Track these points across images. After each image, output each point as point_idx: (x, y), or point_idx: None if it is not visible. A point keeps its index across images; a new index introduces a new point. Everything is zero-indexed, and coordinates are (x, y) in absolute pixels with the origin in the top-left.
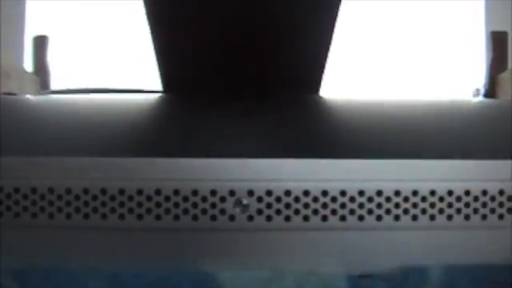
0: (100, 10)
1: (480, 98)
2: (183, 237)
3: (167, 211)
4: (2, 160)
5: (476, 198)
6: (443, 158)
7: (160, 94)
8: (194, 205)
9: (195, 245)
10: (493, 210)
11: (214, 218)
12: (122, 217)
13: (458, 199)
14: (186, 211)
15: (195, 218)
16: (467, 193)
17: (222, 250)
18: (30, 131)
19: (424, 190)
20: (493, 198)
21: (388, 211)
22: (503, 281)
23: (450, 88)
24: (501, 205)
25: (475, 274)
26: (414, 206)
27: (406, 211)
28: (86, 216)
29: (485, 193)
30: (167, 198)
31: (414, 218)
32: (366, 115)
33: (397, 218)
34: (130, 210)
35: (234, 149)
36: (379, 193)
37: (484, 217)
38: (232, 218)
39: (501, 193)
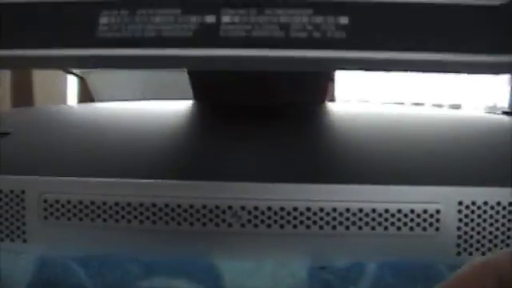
0: None
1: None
2: (197, 238)
3: (185, 219)
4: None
5: (406, 216)
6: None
7: (190, 103)
8: (204, 215)
9: (204, 244)
10: (418, 224)
11: (217, 225)
12: (154, 222)
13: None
14: (198, 220)
15: (204, 224)
16: (399, 211)
17: (223, 247)
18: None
19: (380, 208)
20: (418, 216)
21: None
22: (419, 274)
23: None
24: (424, 221)
25: (400, 269)
26: (373, 220)
27: (366, 223)
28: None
29: (412, 211)
30: (185, 211)
31: (373, 228)
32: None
33: (360, 228)
34: (161, 218)
35: (233, 173)
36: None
37: (411, 229)
38: (230, 225)
39: (424, 211)
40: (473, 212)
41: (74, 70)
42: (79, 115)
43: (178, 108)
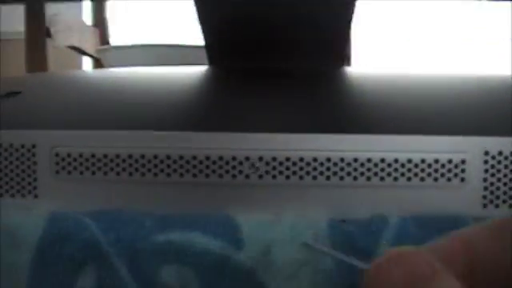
0: None
1: None
2: (213, 190)
3: (200, 171)
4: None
5: (430, 166)
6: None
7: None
8: (220, 167)
9: (222, 196)
10: (442, 175)
11: (234, 176)
12: (169, 175)
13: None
14: (214, 171)
15: (221, 176)
16: (423, 161)
17: (241, 199)
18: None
19: (403, 158)
20: (443, 166)
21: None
22: (445, 227)
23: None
24: (449, 171)
25: (424, 222)
26: (395, 170)
27: (389, 174)
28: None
29: (437, 161)
30: (201, 162)
31: (395, 179)
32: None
33: (382, 178)
34: (175, 171)
35: (250, 123)
36: (355, 160)
37: (436, 179)
38: (247, 176)
39: (449, 161)
40: (499, 162)
41: (89, 52)
42: (93, 76)
43: (193, 71)
